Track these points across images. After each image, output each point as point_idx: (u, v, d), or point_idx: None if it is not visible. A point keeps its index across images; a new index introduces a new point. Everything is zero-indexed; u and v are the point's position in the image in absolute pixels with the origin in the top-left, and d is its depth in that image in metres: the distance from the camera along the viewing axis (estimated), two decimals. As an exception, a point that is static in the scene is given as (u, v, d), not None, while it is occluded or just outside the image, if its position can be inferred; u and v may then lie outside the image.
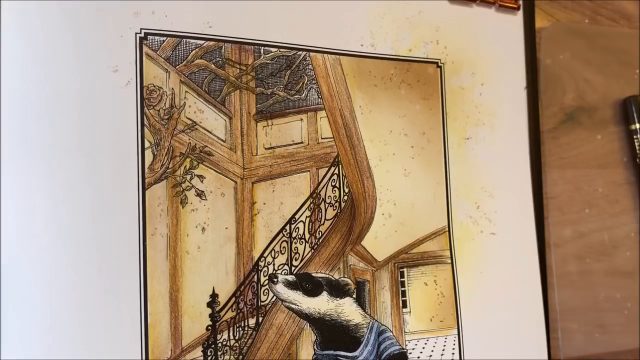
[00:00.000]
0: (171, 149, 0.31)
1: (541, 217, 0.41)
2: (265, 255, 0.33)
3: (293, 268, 0.34)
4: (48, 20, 0.29)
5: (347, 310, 0.34)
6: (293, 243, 0.34)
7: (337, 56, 0.36)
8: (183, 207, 0.31)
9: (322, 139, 0.35)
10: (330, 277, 0.34)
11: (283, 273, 0.33)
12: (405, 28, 0.38)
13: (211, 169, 0.32)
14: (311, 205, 0.34)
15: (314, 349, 0.33)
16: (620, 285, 0.44)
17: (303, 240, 0.34)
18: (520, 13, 0.42)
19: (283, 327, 0.33)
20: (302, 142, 0.35)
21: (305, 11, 0.35)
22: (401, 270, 0.37)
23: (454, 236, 0.38)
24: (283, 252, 0.33)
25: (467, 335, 0.38)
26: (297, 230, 0.34)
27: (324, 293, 0.34)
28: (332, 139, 0.35)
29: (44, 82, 0.29)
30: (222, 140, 0.33)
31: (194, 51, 0.32)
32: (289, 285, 0.33)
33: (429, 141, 0.38)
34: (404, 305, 0.36)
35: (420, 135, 0.38)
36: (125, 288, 0.29)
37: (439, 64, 0.39)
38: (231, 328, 0.32)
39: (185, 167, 0.31)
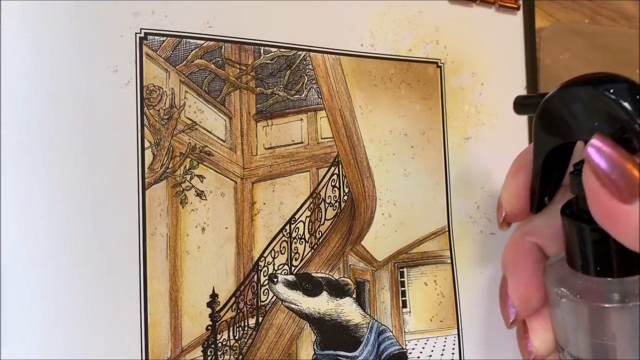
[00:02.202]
0: (171, 149, 0.31)
1: (541, 217, 0.41)
2: (265, 255, 0.33)
3: (293, 268, 0.34)
4: (48, 20, 0.29)
5: (347, 310, 0.34)
6: (293, 243, 0.34)
7: (337, 56, 0.36)
8: (183, 207, 0.31)
9: (322, 139, 0.35)
10: (330, 277, 0.34)
11: (283, 273, 0.33)
12: (405, 28, 0.38)
13: (211, 169, 0.32)
14: (311, 205, 0.34)
15: (314, 349, 0.33)
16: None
17: (303, 240, 0.34)
18: (520, 13, 0.42)
19: (283, 327, 0.33)
20: (302, 142, 0.35)
21: (305, 11, 0.35)
22: (401, 270, 0.37)
23: (454, 236, 0.38)
24: (283, 252, 0.33)
25: (467, 335, 0.38)
26: (297, 230, 0.34)
27: (324, 293, 0.34)
28: (332, 139, 0.35)
29: (43, 82, 0.29)
30: (222, 140, 0.33)
31: (194, 51, 0.32)
32: (289, 285, 0.33)
33: (429, 141, 0.38)
34: (404, 305, 0.36)
35: (420, 135, 0.38)
36: (125, 288, 0.29)
37: (439, 64, 0.39)
38: (231, 328, 0.32)
39: (185, 167, 0.31)
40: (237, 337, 0.32)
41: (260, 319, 0.32)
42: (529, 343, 0.27)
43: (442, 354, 0.37)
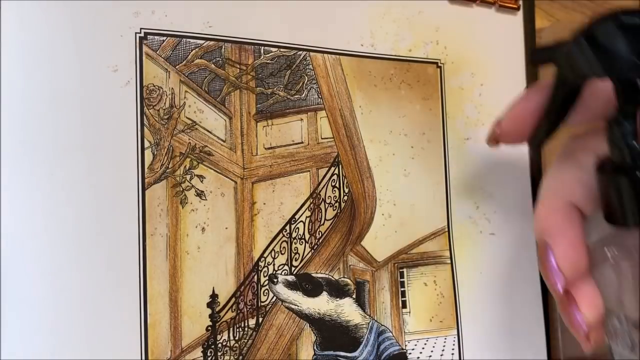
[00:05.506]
0: (171, 148, 0.31)
1: (541, 218, 0.41)
2: (265, 255, 0.33)
3: (293, 268, 0.34)
4: (48, 20, 0.29)
5: (347, 310, 0.34)
6: (293, 243, 0.34)
7: (337, 56, 0.36)
8: (183, 207, 0.31)
9: (322, 139, 0.35)
10: (330, 277, 0.34)
11: (283, 273, 0.33)
12: (405, 28, 0.38)
13: (211, 169, 0.32)
14: (311, 205, 0.34)
15: (314, 350, 0.33)
16: (620, 286, 0.44)
17: (303, 241, 0.34)
18: (520, 13, 0.42)
19: (283, 327, 0.33)
20: (302, 142, 0.35)
21: (305, 11, 0.35)
22: (401, 270, 0.37)
23: (454, 236, 0.38)
24: (283, 252, 0.33)
25: (466, 336, 0.38)
26: (297, 230, 0.34)
27: (324, 293, 0.34)
28: (332, 139, 0.35)
29: (43, 82, 0.29)
30: (222, 140, 0.33)
31: (193, 51, 0.32)
32: (289, 285, 0.33)
33: (429, 141, 0.38)
34: (404, 305, 0.36)
35: (420, 136, 0.38)
36: (125, 288, 0.29)
37: (439, 64, 0.39)
38: (231, 328, 0.32)
39: (185, 167, 0.31)
40: (237, 338, 0.32)
41: (260, 319, 0.32)
42: (577, 313, 0.25)
43: (441, 354, 0.37)
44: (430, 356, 0.36)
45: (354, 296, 0.35)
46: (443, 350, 0.37)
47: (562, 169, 0.27)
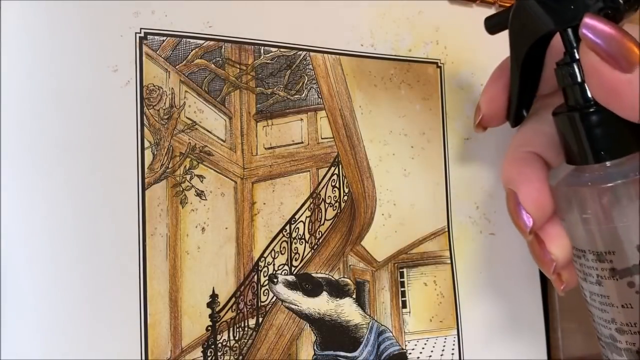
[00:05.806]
0: (171, 148, 0.31)
1: (541, 218, 0.41)
2: (265, 255, 0.33)
3: (293, 268, 0.34)
4: (48, 20, 0.29)
5: (347, 310, 0.34)
6: (293, 243, 0.34)
7: (337, 56, 0.36)
8: (183, 207, 0.31)
9: (322, 139, 0.35)
10: (330, 277, 0.34)
11: (283, 273, 0.33)
12: (405, 28, 0.38)
13: (211, 168, 0.32)
14: (311, 205, 0.34)
15: (314, 350, 0.33)
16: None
17: (303, 241, 0.34)
18: (520, 13, 0.42)
19: (283, 327, 0.33)
20: (302, 142, 0.35)
21: (305, 11, 0.35)
22: (401, 270, 0.37)
23: (454, 236, 0.38)
24: (283, 252, 0.33)
25: (466, 336, 0.38)
26: (297, 230, 0.34)
27: (324, 293, 0.34)
28: (332, 139, 0.35)
29: (43, 82, 0.29)
30: (222, 140, 0.33)
31: (193, 51, 0.32)
32: (289, 285, 0.33)
33: (429, 141, 0.38)
34: (404, 305, 0.36)
35: (420, 136, 0.38)
36: (125, 288, 0.29)
37: (439, 64, 0.39)
38: (231, 328, 0.32)
39: (185, 167, 0.31)
40: (237, 338, 0.32)
41: (260, 319, 0.32)
42: (547, 253, 0.26)
43: (441, 354, 0.37)
44: (430, 356, 0.36)
45: (354, 296, 0.35)
46: (443, 350, 0.37)
47: (525, 126, 0.28)
